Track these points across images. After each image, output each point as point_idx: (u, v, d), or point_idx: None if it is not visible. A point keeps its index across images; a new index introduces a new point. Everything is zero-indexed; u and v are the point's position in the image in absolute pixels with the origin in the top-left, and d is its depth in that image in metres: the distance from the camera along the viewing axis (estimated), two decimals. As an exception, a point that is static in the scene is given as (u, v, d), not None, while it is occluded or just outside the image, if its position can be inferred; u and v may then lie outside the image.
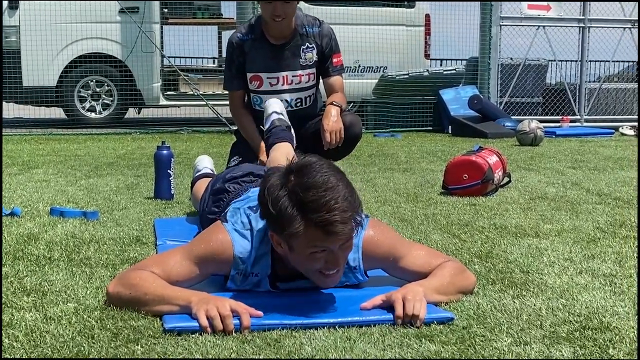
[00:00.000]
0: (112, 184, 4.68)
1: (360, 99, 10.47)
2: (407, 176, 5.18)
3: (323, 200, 1.94)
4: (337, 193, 1.96)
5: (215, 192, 2.89)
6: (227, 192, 2.82)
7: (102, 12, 9.66)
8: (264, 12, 3.80)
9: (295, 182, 1.99)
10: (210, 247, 2.19)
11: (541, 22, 10.20)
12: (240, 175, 2.87)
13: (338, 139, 3.80)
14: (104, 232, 3.20)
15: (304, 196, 1.95)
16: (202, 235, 2.32)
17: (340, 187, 1.98)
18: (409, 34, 10.90)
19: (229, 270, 2.20)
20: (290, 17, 3.81)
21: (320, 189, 1.96)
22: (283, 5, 3.72)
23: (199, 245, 2.22)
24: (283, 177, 2.02)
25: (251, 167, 3.04)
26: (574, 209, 3.88)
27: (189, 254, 2.19)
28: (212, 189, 2.96)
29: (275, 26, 3.82)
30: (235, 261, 2.18)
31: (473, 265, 2.65)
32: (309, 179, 1.97)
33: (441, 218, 3.58)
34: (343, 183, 2.01)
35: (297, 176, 2.00)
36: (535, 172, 5.42)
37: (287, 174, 2.02)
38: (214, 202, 2.86)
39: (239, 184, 2.83)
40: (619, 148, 7.51)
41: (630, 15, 10.48)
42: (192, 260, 2.18)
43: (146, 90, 10.07)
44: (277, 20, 3.77)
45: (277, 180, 2.02)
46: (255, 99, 3.96)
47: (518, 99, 10.28)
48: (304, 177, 1.98)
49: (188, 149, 7.08)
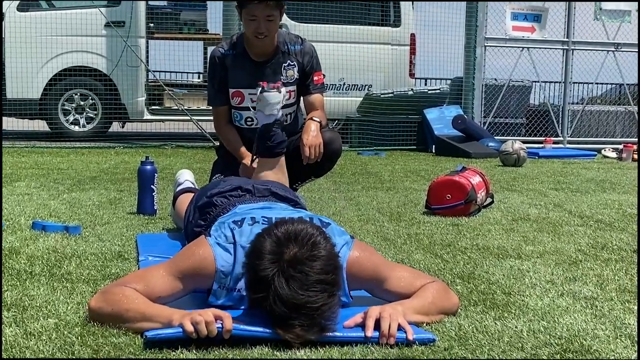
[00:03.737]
0: (94, 199, 4.66)
1: (345, 116, 10.50)
2: (391, 195, 5.20)
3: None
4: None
5: (202, 205, 2.88)
6: (214, 206, 2.82)
7: (88, 25, 9.65)
8: (247, 30, 3.80)
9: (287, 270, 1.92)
10: (193, 261, 2.19)
11: (525, 43, 10.28)
12: (228, 190, 2.87)
13: (317, 154, 3.80)
14: (86, 247, 3.18)
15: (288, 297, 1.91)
16: (185, 249, 2.32)
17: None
18: (394, 53, 10.96)
19: (212, 284, 2.20)
20: (272, 34, 3.81)
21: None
22: (266, 22, 3.73)
23: (182, 260, 2.22)
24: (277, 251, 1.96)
25: (239, 181, 3.04)
26: (555, 230, 3.90)
27: (172, 268, 2.19)
28: (197, 202, 2.94)
29: (257, 43, 3.82)
30: (217, 274, 2.18)
31: (455, 286, 2.65)
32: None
33: (424, 238, 3.59)
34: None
35: (289, 265, 1.93)
36: (518, 193, 5.45)
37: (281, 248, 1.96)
38: (201, 216, 2.85)
39: (227, 197, 2.82)
40: (601, 170, 7.56)
41: (613, 38, 10.58)
42: (174, 275, 2.17)
43: (130, 104, 10.06)
44: (260, 38, 3.78)
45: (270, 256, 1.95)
46: (236, 115, 3.95)
47: (502, 119, 10.34)
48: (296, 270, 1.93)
49: (172, 164, 7.07)
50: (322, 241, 1.99)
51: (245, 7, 3.72)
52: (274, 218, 2.31)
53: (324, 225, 2.28)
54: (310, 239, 1.96)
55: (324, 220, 2.33)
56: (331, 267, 1.95)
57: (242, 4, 3.73)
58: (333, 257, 1.99)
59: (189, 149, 8.96)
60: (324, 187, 5.37)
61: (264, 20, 3.71)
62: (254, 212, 2.40)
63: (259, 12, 3.70)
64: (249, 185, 2.88)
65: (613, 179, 6.64)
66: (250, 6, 3.69)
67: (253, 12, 3.71)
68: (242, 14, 3.76)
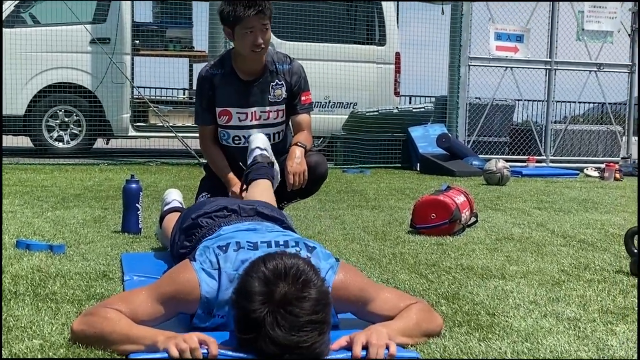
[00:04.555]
0: (79, 217, 4.64)
1: (330, 134, 10.53)
2: (376, 214, 5.21)
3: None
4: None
5: (187, 227, 2.88)
6: (200, 227, 2.82)
7: (73, 42, 9.65)
8: (242, 47, 3.75)
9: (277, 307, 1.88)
10: (177, 286, 2.19)
11: (509, 63, 10.37)
12: (214, 210, 2.87)
13: (301, 181, 3.80)
14: (71, 266, 3.18)
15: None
16: (170, 274, 2.31)
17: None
18: (379, 71, 11.02)
19: (196, 310, 2.20)
20: (267, 46, 3.81)
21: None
22: (262, 33, 3.73)
23: (166, 285, 2.21)
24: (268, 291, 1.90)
25: (225, 201, 3.04)
26: (539, 250, 3.93)
27: (156, 293, 2.19)
28: (182, 223, 2.94)
29: (254, 58, 3.81)
30: (202, 301, 2.18)
31: (440, 306, 2.67)
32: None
33: (409, 257, 3.60)
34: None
35: (279, 305, 1.88)
36: (501, 212, 5.48)
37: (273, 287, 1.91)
38: (187, 237, 2.85)
39: (212, 218, 2.82)
40: (584, 189, 7.62)
41: (595, 58, 10.68)
42: (158, 299, 2.17)
43: (115, 120, 10.04)
44: (258, 51, 3.77)
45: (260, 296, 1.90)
46: (223, 134, 3.96)
47: (485, 138, 10.41)
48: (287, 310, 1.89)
49: (157, 182, 7.06)
50: (313, 277, 1.93)
51: (241, 21, 3.70)
52: (259, 242, 2.31)
53: (309, 250, 2.29)
54: (300, 277, 1.91)
55: (310, 245, 2.33)
56: (322, 306, 1.90)
57: (239, 20, 3.70)
58: (324, 295, 1.93)
59: (174, 166, 8.95)
60: (309, 206, 5.38)
61: (261, 31, 3.72)
62: (238, 236, 2.40)
63: (256, 22, 3.69)
64: (235, 206, 2.88)
65: (595, 199, 6.69)
66: (248, 19, 3.69)
67: (250, 24, 3.69)
68: (237, 30, 3.71)
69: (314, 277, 1.93)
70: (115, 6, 9.98)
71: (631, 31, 10.79)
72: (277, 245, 2.31)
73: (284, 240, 2.35)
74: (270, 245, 2.31)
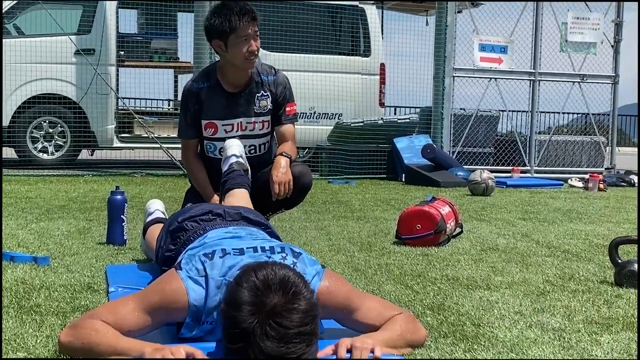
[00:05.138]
0: (63, 228, 4.62)
1: (315, 145, 10.54)
2: (361, 224, 5.22)
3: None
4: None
5: (173, 230, 2.88)
6: (185, 230, 2.82)
7: (58, 53, 9.61)
8: (237, 56, 3.75)
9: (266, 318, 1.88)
10: (164, 296, 2.18)
11: (493, 74, 10.42)
12: (199, 214, 2.87)
13: (286, 191, 3.82)
14: (55, 278, 3.16)
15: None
16: (156, 283, 2.30)
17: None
18: (364, 82, 11.05)
19: (184, 318, 2.19)
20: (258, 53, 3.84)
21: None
22: (255, 40, 3.76)
23: (153, 295, 2.21)
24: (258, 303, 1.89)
25: (210, 205, 3.04)
26: (524, 261, 3.94)
27: (142, 303, 2.18)
28: (169, 227, 2.94)
29: (248, 67, 3.83)
30: (190, 309, 2.17)
31: (425, 317, 2.67)
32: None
33: (394, 268, 3.61)
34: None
35: (268, 316, 1.87)
36: (486, 223, 5.50)
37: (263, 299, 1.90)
38: (172, 240, 2.86)
39: (197, 222, 2.83)
40: (568, 200, 7.66)
41: (579, 70, 10.76)
42: (145, 309, 2.16)
43: (100, 132, 10.01)
44: (252, 59, 3.79)
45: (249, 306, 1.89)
46: (209, 146, 3.96)
47: (470, 148, 10.45)
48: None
49: (141, 193, 7.04)
50: (303, 289, 1.93)
51: (236, 30, 3.71)
52: (245, 248, 2.31)
53: (295, 256, 2.29)
54: (290, 288, 1.90)
55: (296, 250, 2.34)
56: (311, 318, 1.90)
57: (234, 29, 3.71)
58: (313, 307, 1.93)
59: (159, 177, 8.92)
60: (294, 217, 5.38)
61: (254, 38, 3.75)
62: (224, 243, 2.40)
63: (250, 29, 3.73)
64: (220, 210, 2.89)
65: (580, 209, 6.72)
66: (243, 27, 3.70)
67: (245, 32, 3.71)
68: (231, 39, 3.73)
69: (303, 289, 1.93)
70: (100, 17, 9.96)
71: (614, 42, 10.88)
72: (263, 250, 2.31)
73: (269, 246, 2.35)
74: (256, 250, 2.30)
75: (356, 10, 11.13)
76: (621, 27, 10.91)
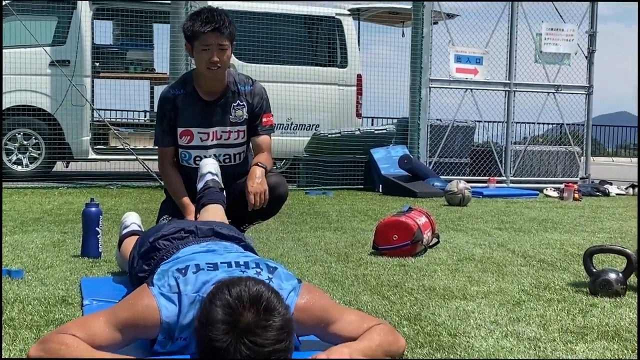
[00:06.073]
0: (37, 241, 4.58)
1: (293, 156, 10.54)
2: (338, 235, 5.22)
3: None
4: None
5: (145, 251, 2.86)
6: (158, 250, 2.80)
7: (32, 64, 9.55)
8: (199, 63, 3.80)
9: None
10: (136, 312, 2.16)
11: (469, 85, 10.47)
12: (171, 232, 2.85)
13: (262, 201, 3.81)
14: (29, 291, 3.13)
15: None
16: (128, 299, 2.27)
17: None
18: (341, 93, 11.07)
19: (157, 335, 2.17)
20: (224, 66, 3.82)
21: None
22: (219, 52, 3.75)
23: (124, 311, 2.18)
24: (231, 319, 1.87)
25: (182, 223, 3.02)
26: (500, 270, 3.96)
27: (114, 318, 2.15)
28: (140, 247, 2.92)
29: (210, 76, 3.83)
30: (162, 326, 2.16)
31: (402, 327, 2.67)
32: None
33: (371, 279, 3.61)
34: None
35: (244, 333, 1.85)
36: (463, 233, 5.52)
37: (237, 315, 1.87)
38: (145, 261, 2.83)
39: (169, 240, 2.81)
40: (543, 210, 7.71)
41: (553, 80, 10.85)
42: (115, 325, 2.14)
43: (75, 143, 9.94)
44: (213, 69, 3.78)
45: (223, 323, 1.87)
46: (184, 154, 3.95)
47: (447, 159, 10.48)
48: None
49: (117, 205, 7.00)
50: (277, 305, 1.89)
51: (199, 38, 3.73)
52: (219, 263, 2.30)
53: (270, 271, 2.28)
54: (264, 305, 1.87)
55: (271, 265, 2.33)
56: (286, 335, 1.87)
57: (196, 35, 3.74)
58: (287, 323, 1.90)
59: (134, 189, 8.88)
60: (271, 228, 5.37)
61: (217, 49, 3.74)
62: (197, 258, 2.38)
63: (212, 40, 3.73)
64: (192, 227, 2.87)
65: (555, 219, 6.77)
66: (204, 35, 3.72)
67: (207, 41, 3.73)
68: (195, 46, 3.77)
69: (277, 305, 1.90)
70: (74, 28, 9.91)
71: (588, 53, 10.99)
72: (238, 265, 2.29)
73: (244, 261, 2.33)
74: (230, 265, 2.29)
75: (333, 21, 11.17)
76: (595, 38, 11.01)
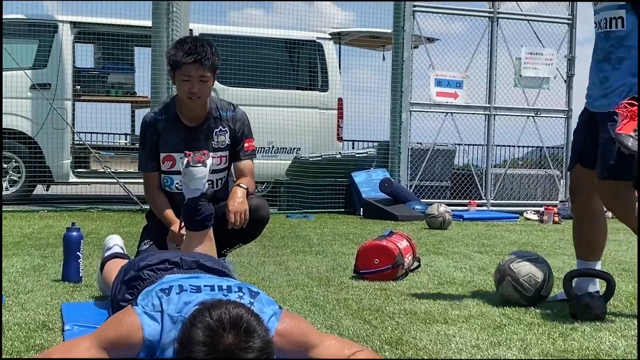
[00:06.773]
0: (17, 265, 4.55)
1: (274, 179, 10.55)
2: (320, 259, 5.22)
3: None
4: None
5: (129, 279, 2.85)
6: (142, 280, 2.79)
7: (13, 87, 9.52)
8: (180, 91, 3.83)
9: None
10: (120, 330, 2.18)
11: (449, 108, 10.55)
12: (156, 263, 2.85)
13: (243, 220, 3.82)
14: (9, 316, 3.11)
15: None
16: (111, 319, 2.30)
17: None
18: (322, 116, 11.12)
19: (139, 353, 2.18)
20: (205, 96, 3.86)
21: None
22: (200, 83, 3.78)
23: (108, 330, 2.20)
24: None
25: (166, 254, 3.02)
26: (481, 294, 3.97)
27: (98, 339, 2.17)
28: (124, 275, 2.91)
29: (190, 105, 3.85)
30: (144, 344, 2.17)
31: (384, 352, 2.68)
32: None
33: (353, 303, 3.62)
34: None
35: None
36: (444, 257, 5.54)
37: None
38: (128, 289, 2.82)
39: (154, 271, 2.80)
40: (524, 233, 7.75)
41: (533, 104, 10.95)
42: (100, 345, 2.15)
43: (55, 167, 9.91)
44: (193, 99, 3.81)
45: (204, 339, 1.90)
46: (166, 180, 3.96)
47: (427, 182, 10.53)
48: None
49: (98, 228, 6.97)
50: (257, 327, 1.93)
51: (180, 67, 3.77)
52: (202, 286, 2.31)
53: (252, 295, 2.29)
54: (244, 327, 1.91)
55: (253, 290, 2.33)
56: (265, 356, 1.91)
57: (177, 65, 3.77)
58: (267, 345, 1.94)
59: (115, 213, 8.84)
60: (253, 252, 5.37)
61: (198, 81, 3.77)
62: (181, 281, 2.39)
63: (193, 71, 3.76)
64: (177, 258, 2.87)
65: (535, 242, 6.81)
66: (185, 66, 3.75)
67: (188, 72, 3.76)
68: (176, 75, 3.81)
69: (258, 327, 1.93)
70: (55, 51, 9.91)
71: (567, 77, 11.10)
72: (220, 289, 2.31)
73: (227, 285, 2.35)
74: (213, 289, 2.30)
75: (314, 45, 11.24)
76: (573, 62, 11.13)
